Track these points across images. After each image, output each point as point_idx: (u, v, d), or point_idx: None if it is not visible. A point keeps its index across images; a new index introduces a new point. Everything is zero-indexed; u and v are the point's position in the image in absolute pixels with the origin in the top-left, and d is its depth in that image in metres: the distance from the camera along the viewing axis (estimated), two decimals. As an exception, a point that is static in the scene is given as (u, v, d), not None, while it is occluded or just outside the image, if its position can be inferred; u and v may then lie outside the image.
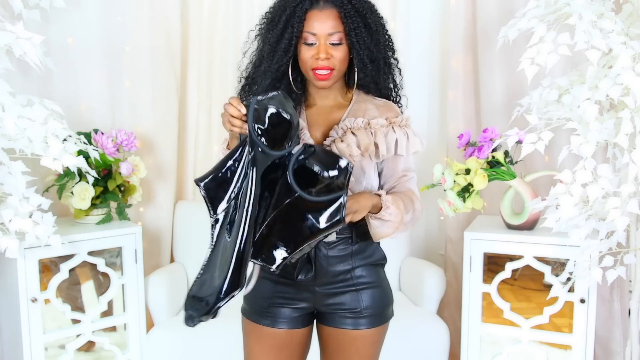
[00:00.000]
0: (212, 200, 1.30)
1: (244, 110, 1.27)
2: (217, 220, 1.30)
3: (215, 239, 1.30)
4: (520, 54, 1.78)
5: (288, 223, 1.28)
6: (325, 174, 1.27)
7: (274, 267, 1.27)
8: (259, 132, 1.26)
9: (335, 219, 1.25)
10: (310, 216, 1.26)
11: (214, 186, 1.30)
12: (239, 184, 1.30)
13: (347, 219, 1.30)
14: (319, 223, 1.25)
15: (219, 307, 1.23)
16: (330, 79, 1.41)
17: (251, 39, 1.50)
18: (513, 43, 1.90)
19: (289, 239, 1.27)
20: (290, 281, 1.46)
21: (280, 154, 1.28)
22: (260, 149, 1.26)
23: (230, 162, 1.30)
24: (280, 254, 1.27)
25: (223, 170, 1.30)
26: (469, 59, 2.70)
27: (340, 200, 1.25)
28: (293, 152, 1.30)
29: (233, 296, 1.23)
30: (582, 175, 1.71)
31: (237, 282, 1.23)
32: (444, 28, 2.91)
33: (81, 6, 2.48)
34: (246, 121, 1.28)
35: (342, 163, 1.29)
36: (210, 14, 2.87)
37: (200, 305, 1.25)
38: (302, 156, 1.30)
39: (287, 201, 1.28)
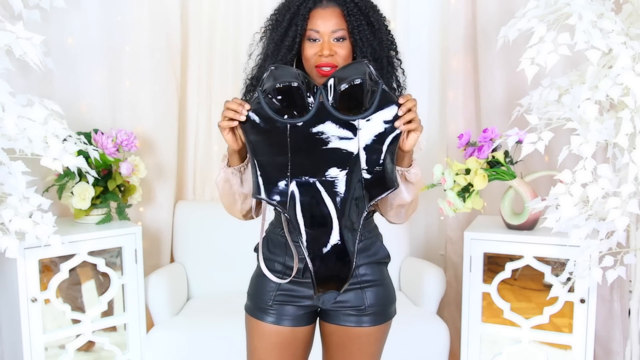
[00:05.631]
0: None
1: (247, 106, 1.30)
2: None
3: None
4: (520, 54, 1.78)
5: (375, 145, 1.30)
6: (356, 81, 1.28)
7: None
8: (286, 113, 1.30)
9: (395, 111, 1.29)
10: (383, 123, 1.29)
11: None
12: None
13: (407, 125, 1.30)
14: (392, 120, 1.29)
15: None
16: None
17: (256, 41, 1.51)
18: (513, 43, 1.90)
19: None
20: (294, 279, 1.46)
21: (314, 113, 1.30)
22: (300, 123, 1.30)
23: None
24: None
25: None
26: (469, 59, 2.70)
27: (381, 87, 1.29)
28: (321, 100, 1.31)
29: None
30: (582, 175, 1.71)
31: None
32: (443, 28, 2.91)
33: (81, 6, 2.48)
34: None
35: (358, 63, 1.32)
36: (210, 14, 2.87)
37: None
38: (329, 93, 1.31)
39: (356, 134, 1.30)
